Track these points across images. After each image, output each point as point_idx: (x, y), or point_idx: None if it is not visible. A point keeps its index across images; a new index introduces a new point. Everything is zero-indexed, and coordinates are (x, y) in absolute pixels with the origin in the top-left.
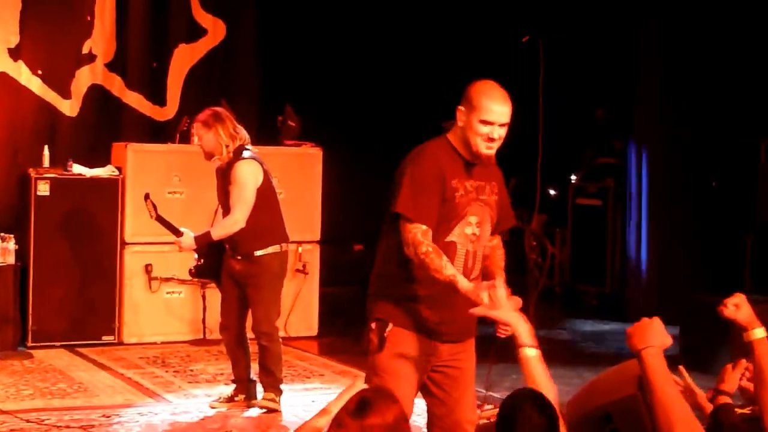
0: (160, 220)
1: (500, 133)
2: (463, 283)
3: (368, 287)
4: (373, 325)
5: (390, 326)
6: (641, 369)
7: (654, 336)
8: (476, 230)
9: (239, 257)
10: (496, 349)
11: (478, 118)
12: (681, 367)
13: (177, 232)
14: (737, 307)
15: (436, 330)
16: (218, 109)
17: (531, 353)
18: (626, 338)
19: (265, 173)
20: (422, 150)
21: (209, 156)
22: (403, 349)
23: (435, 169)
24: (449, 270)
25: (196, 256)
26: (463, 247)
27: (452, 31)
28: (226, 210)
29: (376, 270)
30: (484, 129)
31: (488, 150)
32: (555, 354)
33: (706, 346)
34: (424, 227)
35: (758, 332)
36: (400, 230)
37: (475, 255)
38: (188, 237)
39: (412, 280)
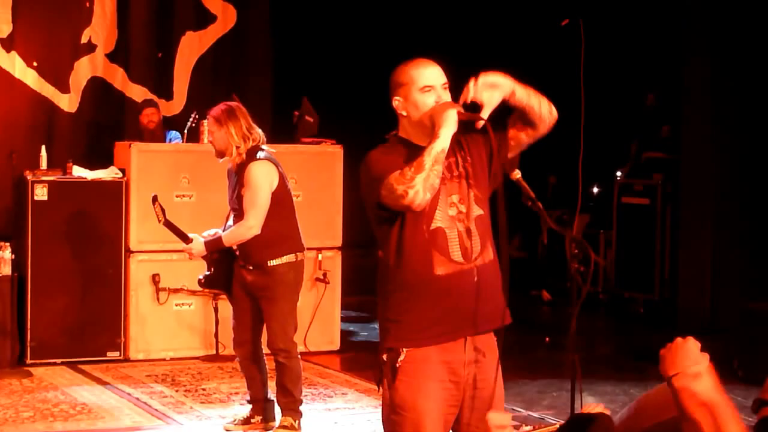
0: (168, 225)
1: (446, 96)
2: (438, 136)
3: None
4: (385, 357)
5: (403, 353)
6: (674, 398)
7: (687, 359)
8: (461, 207)
9: (251, 267)
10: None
11: (417, 89)
12: None
13: (186, 239)
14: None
15: (450, 327)
16: (233, 104)
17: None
18: (659, 362)
19: (281, 176)
20: (368, 155)
21: (220, 155)
22: (421, 378)
23: (389, 160)
24: (422, 156)
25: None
26: (453, 229)
27: (484, 16)
28: (238, 216)
29: (378, 297)
30: (429, 97)
31: None
32: (598, 368)
33: (762, 357)
34: (395, 173)
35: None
36: (387, 202)
37: (469, 232)
38: (198, 243)
39: (406, 289)
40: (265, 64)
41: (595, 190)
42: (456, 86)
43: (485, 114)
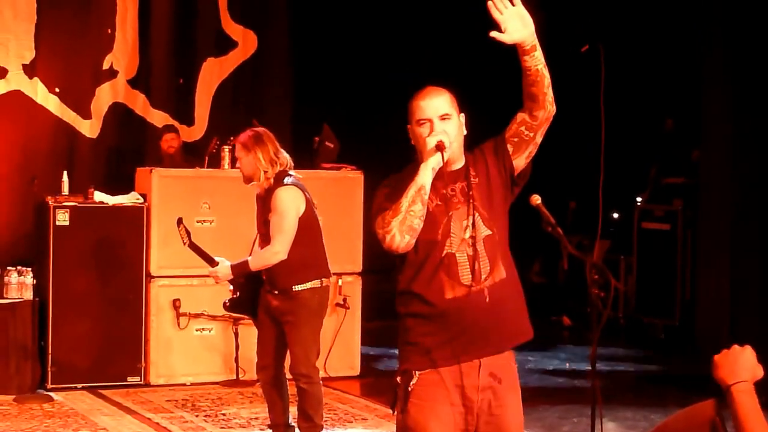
0: (193, 247)
1: (444, 127)
2: (418, 173)
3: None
4: (399, 379)
5: (416, 377)
6: (730, 407)
7: (745, 368)
8: (471, 231)
9: (276, 292)
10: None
11: (414, 122)
12: None
13: (211, 262)
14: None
15: (463, 347)
16: (260, 129)
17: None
18: (712, 368)
19: (308, 202)
20: (381, 185)
21: (248, 180)
22: (433, 401)
23: (390, 194)
24: (401, 197)
25: (230, 287)
26: (462, 253)
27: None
28: (266, 240)
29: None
30: (424, 130)
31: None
32: (618, 393)
33: None
34: (380, 215)
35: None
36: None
37: (477, 255)
38: (224, 266)
39: (419, 314)
40: (286, 89)
41: (615, 215)
42: (471, 112)
43: (506, 38)
